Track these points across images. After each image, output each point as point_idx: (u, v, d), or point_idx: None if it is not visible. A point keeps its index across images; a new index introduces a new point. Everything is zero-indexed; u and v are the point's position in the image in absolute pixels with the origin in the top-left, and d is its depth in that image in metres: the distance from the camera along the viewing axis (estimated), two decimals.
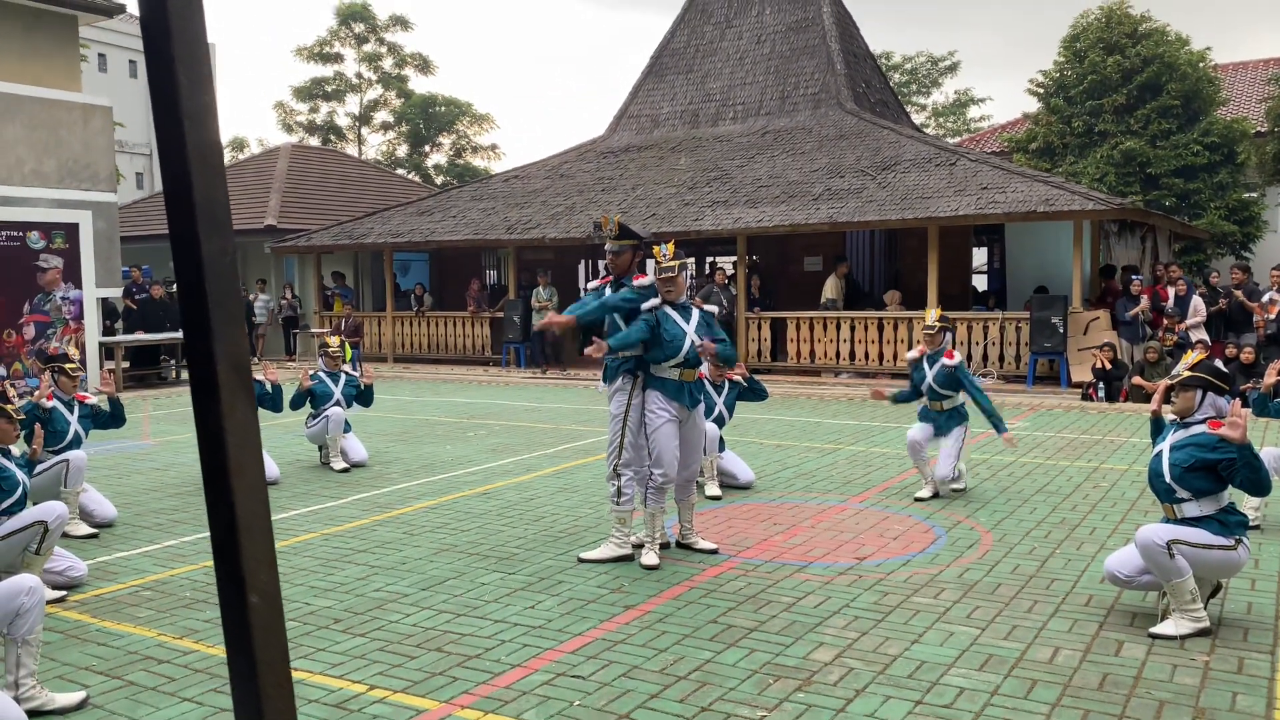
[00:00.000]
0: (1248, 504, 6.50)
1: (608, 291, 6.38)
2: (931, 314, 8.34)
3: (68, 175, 16.22)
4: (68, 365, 7.59)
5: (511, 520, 7.29)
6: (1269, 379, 6.91)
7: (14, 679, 4.07)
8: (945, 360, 8.00)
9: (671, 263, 6.08)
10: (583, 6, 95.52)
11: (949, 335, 8.21)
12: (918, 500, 7.67)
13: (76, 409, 7.53)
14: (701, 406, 6.42)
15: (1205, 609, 4.77)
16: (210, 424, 0.81)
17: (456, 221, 20.70)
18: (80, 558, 6.50)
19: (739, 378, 8.39)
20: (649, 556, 6.06)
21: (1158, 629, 4.74)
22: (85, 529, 7.05)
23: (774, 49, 21.64)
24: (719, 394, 8.34)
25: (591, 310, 6.27)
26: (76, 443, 7.36)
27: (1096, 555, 6.06)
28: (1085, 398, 13.72)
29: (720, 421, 8.31)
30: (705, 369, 8.05)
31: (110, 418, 7.86)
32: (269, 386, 9.06)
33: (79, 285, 16.15)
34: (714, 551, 6.29)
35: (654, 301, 6.09)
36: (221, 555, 0.82)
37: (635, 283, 6.27)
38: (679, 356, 6.06)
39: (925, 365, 8.09)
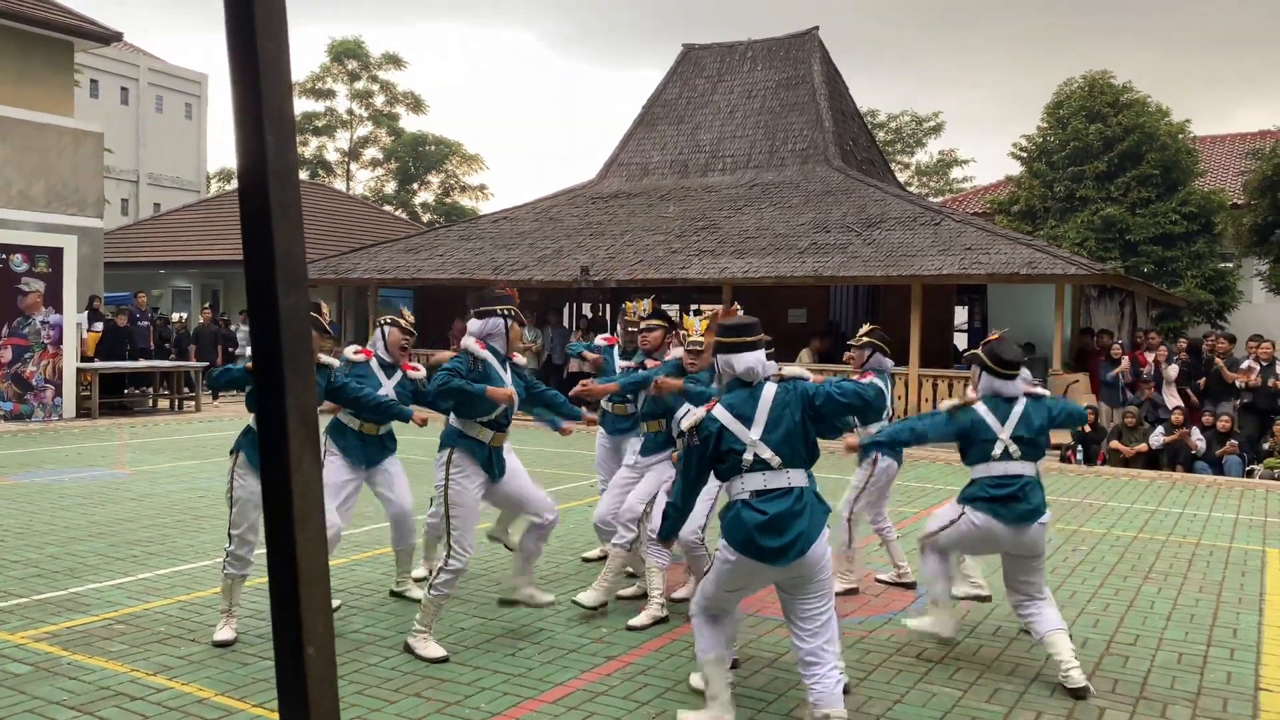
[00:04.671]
0: None
1: (616, 352, 7.11)
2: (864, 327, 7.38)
3: (55, 199, 16.18)
4: (402, 321, 6.31)
5: (490, 565, 7.23)
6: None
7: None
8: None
9: (699, 337, 5.96)
10: (579, 64, 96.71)
11: (877, 354, 7.60)
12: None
13: (395, 378, 6.19)
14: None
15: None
16: (277, 475, 0.82)
17: (444, 260, 20.75)
18: (53, 588, 6.42)
19: None
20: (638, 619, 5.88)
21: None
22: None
23: (764, 104, 21.97)
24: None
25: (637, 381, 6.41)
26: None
27: (1076, 620, 6.07)
28: (1063, 460, 13.81)
29: None
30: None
31: (414, 395, 6.22)
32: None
33: (59, 310, 16.03)
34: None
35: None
36: (281, 605, 0.83)
37: (668, 357, 6.34)
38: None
39: None
